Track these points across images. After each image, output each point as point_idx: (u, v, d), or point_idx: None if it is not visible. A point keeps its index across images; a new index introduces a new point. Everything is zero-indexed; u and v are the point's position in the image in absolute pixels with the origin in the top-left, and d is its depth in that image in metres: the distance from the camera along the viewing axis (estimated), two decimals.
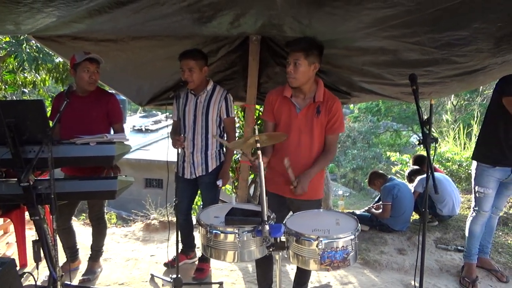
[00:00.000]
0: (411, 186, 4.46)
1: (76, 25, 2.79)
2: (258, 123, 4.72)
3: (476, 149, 3.15)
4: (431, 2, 2.11)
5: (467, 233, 3.24)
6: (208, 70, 3.29)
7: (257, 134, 1.95)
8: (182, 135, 2.96)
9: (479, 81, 3.53)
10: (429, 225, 4.21)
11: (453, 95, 12.74)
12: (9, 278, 2.13)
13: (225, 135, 3.12)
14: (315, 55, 2.32)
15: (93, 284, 3.06)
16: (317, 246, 1.86)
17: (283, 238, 2.00)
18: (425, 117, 2.19)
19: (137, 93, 4.47)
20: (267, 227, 1.87)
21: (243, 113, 4.88)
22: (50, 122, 2.34)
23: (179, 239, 3.05)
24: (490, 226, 3.30)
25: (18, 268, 3.17)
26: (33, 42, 5.21)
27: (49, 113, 2.94)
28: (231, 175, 5.06)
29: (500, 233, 4.16)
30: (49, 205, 2.25)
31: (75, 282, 3.04)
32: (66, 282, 2.58)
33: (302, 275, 2.66)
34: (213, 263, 3.37)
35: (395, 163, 8.48)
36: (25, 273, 2.71)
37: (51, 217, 2.25)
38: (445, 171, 6.30)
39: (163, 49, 3.40)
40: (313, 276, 3.25)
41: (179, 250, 3.26)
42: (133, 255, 3.70)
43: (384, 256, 3.66)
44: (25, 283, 2.82)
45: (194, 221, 3.43)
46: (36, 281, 2.45)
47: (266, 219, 1.88)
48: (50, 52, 5.32)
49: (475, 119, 8.09)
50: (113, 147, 2.36)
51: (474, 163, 3.13)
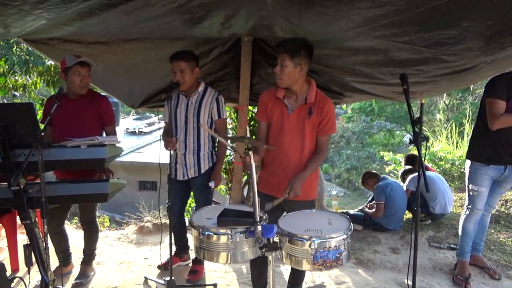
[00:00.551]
0: (404, 186, 4.49)
1: (67, 28, 2.77)
2: (251, 124, 4.72)
3: (470, 148, 3.16)
4: (420, 1, 2.12)
5: (460, 231, 3.26)
6: (200, 72, 3.28)
7: (247, 135, 1.95)
8: (174, 136, 2.95)
9: (470, 80, 3.56)
10: (422, 223, 4.23)
11: (445, 95, 12.84)
12: None
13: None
14: (303, 56, 2.30)
15: None
16: (309, 246, 1.86)
17: (276, 239, 2.00)
18: (417, 116, 2.21)
19: (129, 95, 4.45)
20: (259, 227, 1.86)
21: (236, 114, 4.88)
22: (42, 125, 2.32)
23: (173, 241, 3.05)
24: (483, 224, 3.32)
25: (10, 273, 3.16)
26: (24, 45, 5.17)
27: (40, 116, 2.93)
28: (224, 176, 5.06)
29: (492, 231, 4.19)
30: (40, 209, 2.23)
31: (67, 286, 3.02)
32: (58, 287, 2.56)
33: (296, 276, 2.65)
34: (207, 264, 3.36)
35: (389, 162, 8.51)
36: (15, 277, 2.69)
37: (42, 221, 2.23)
38: (438, 170, 6.33)
39: (154, 51, 3.39)
40: (308, 276, 3.25)
41: (173, 253, 3.26)
42: (127, 258, 3.67)
43: (377, 255, 3.67)
44: None
45: (188, 223, 3.42)
46: (26, 285, 2.43)
47: (258, 219, 1.87)
48: (41, 55, 5.28)
49: (467, 118, 8.15)
50: (104, 150, 2.34)
51: (468, 162, 3.15)
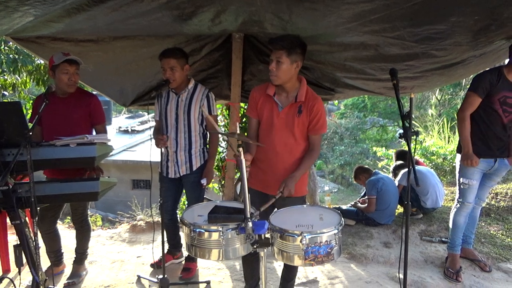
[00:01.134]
0: (396, 181, 4.51)
1: (55, 25, 2.74)
2: (243, 121, 4.72)
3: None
4: None
5: (451, 224, 3.29)
6: (192, 69, 3.27)
7: (238, 131, 1.94)
8: (164, 134, 2.94)
9: (459, 75, 3.58)
10: (414, 217, 4.27)
11: (437, 90, 12.91)
12: None
13: (207, 133, 3.11)
14: (298, 53, 2.30)
15: (78, 287, 3.02)
16: (301, 242, 1.86)
17: (267, 235, 2.00)
18: (406, 111, 2.22)
19: (120, 93, 4.43)
20: (250, 224, 1.86)
21: (228, 111, 4.87)
22: (31, 124, 2.30)
23: (165, 239, 3.05)
24: (473, 217, 3.36)
25: (1, 274, 3.13)
26: (12, 43, 5.11)
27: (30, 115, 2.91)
28: (217, 173, 5.06)
29: (483, 224, 4.23)
30: (30, 209, 2.22)
31: (60, 286, 3.00)
32: (50, 287, 2.54)
33: (289, 271, 2.66)
34: (200, 262, 3.36)
35: (381, 158, 8.57)
36: (3, 277, 2.67)
37: (32, 220, 2.22)
38: (430, 164, 6.38)
39: (145, 48, 3.37)
40: (301, 272, 3.26)
41: (166, 251, 3.25)
42: (119, 257, 3.66)
43: (370, 250, 3.70)
44: None
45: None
46: (15, 286, 2.41)
47: (249, 216, 1.88)
48: (30, 54, 5.23)
49: None
50: (94, 148, 2.33)
51: (458, 155, 3.18)
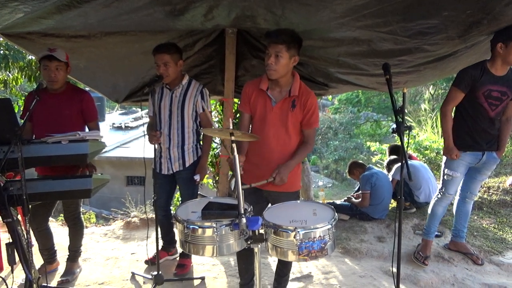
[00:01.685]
0: (389, 175, 4.54)
1: (45, 21, 2.71)
2: (237, 116, 4.70)
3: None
4: None
5: (429, 212, 3.37)
6: (185, 65, 3.25)
7: (230, 127, 1.93)
8: (158, 130, 2.93)
9: (451, 68, 3.59)
10: (407, 212, 4.29)
11: (431, 85, 12.96)
12: None
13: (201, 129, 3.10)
14: (296, 48, 2.31)
15: (72, 285, 3.01)
16: (294, 237, 1.86)
17: (261, 231, 2.01)
18: (399, 106, 2.23)
19: (113, 89, 4.40)
20: (244, 220, 1.86)
21: (221, 107, 4.86)
22: (22, 121, 2.28)
23: (159, 236, 3.04)
24: (466, 211, 3.39)
25: None
26: (2, 39, 5.05)
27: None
28: (211, 169, 5.06)
29: (475, 217, 4.27)
30: (22, 207, 2.20)
31: (53, 283, 2.98)
32: (43, 284, 2.53)
33: (283, 267, 2.67)
34: (195, 258, 3.36)
35: (375, 153, 8.60)
36: None
37: (24, 218, 2.20)
38: (423, 159, 6.42)
39: (137, 44, 3.34)
40: (295, 267, 3.28)
41: (160, 247, 3.25)
42: (113, 254, 3.65)
43: (364, 244, 3.72)
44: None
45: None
46: (7, 286, 2.39)
47: (242, 212, 1.87)
48: (21, 50, 5.17)
49: None
50: (86, 145, 2.31)
51: None
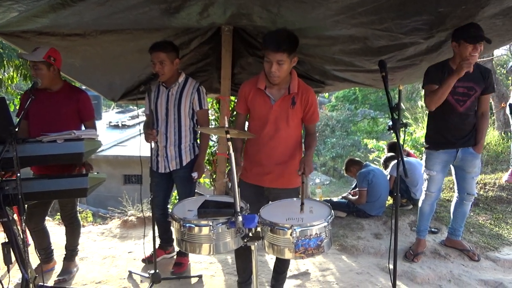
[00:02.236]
0: (386, 173, 4.55)
1: (40, 20, 2.70)
2: (234, 114, 4.70)
3: (425, 135, 3.30)
4: None
5: (418, 212, 3.43)
6: (181, 63, 3.24)
7: (226, 125, 1.93)
8: (154, 128, 2.92)
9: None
10: (404, 209, 4.30)
11: None
12: None
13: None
14: (295, 50, 2.30)
15: (69, 284, 3.01)
16: (291, 235, 1.87)
17: (258, 229, 2.01)
18: (395, 103, 2.24)
19: (109, 88, 4.38)
20: (240, 218, 1.87)
21: (218, 105, 4.86)
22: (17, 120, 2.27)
23: (156, 234, 3.04)
24: (463, 212, 3.39)
25: None
26: None
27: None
28: (208, 168, 5.05)
29: (471, 214, 4.29)
30: (17, 206, 2.19)
31: (50, 283, 2.98)
32: (40, 284, 2.53)
33: (281, 264, 2.67)
34: (192, 256, 3.37)
35: (372, 150, 8.62)
36: None
37: (20, 218, 2.19)
38: (420, 156, 6.43)
39: (133, 42, 3.33)
40: (292, 264, 3.28)
41: (157, 246, 3.24)
42: (110, 252, 3.64)
43: (361, 241, 3.73)
44: None
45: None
46: (3, 286, 2.39)
47: (238, 210, 1.88)
48: (16, 48, 5.13)
49: None
50: (81, 144, 2.31)
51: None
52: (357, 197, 4.29)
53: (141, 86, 4.06)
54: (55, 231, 4.08)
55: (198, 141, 3.14)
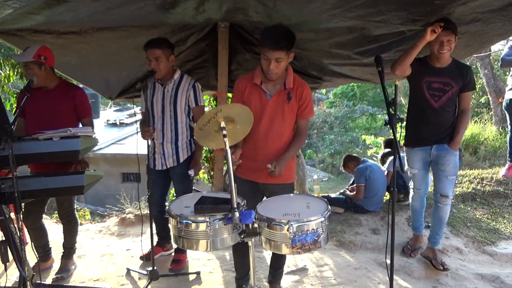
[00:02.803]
0: (384, 168, 4.56)
1: (35, 17, 2.68)
2: None
3: (404, 133, 3.23)
4: None
5: (410, 209, 3.44)
6: (178, 60, 3.23)
7: (220, 108, 1.91)
8: (151, 126, 2.91)
9: None
10: (401, 204, 4.30)
11: None
12: None
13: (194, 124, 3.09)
14: (292, 47, 2.32)
15: (67, 282, 3.01)
16: (288, 230, 1.87)
17: (255, 224, 2.01)
18: (391, 98, 2.24)
19: (106, 86, 4.36)
20: (237, 214, 1.87)
21: (215, 102, 4.85)
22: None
23: (154, 231, 3.04)
24: (439, 216, 3.12)
25: None
26: None
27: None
28: (206, 165, 5.05)
29: (469, 208, 4.30)
30: (14, 204, 2.19)
31: (48, 281, 2.98)
32: (37, 282, 2.53)
33: (277, 260, 2.68)
34: (190, 253, 3.37)
35: (371, 146, 8.64)
36: None
37: (17, 216, 2.19)
38: None
39: (129, 39, 3.31)
40: (290, 260, 3.29)
41: (155, 243, 3.25)
42: (108, 250, 3.64)
43: (358, 236, 3.74)
44: None
45: None
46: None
47: (235, 206, 1.88)
48: (12, 47, 5.11)
49: None
50: (77, 141, 2.30)
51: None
52: (354, 192, 4.30)
53: (137, 83, 4.05)
54: (53, 229, 4.08)
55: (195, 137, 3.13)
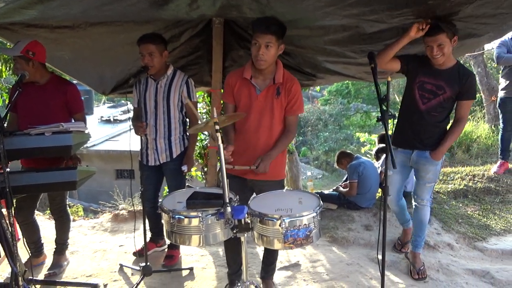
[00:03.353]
0: (378, 164, 4.58)
1: (27, 12, 2.65)
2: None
3: None
4: None
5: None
6: (172, 56, 3.22)
7: (215, 116, 1.93)
8: (144, 121, 2.91)
9: None
10: None
11: None
12: None
13: (187, 120, 3.09)
14: (282, 36, 2.34)
15: (60, 277, 3.00)
16: (280, 226, 1.89)
17: (247, 220, 2.02)
18: (384, 94, 2.25)
19: (99, 81, 4.34)
20: (229, 209, 1.87)
21: (209, 98, 4.84)
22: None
23: (147, 227, 3.04)
24: (418, 219, 3.04)
25: None
26: None
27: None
28: (200, 161, 5.05)
29: (460, 205, 4.34)
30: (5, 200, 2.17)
31: (41, 277, 2.97)
32: (29, 278, 2.52)
33: (269, 256, 2.69)
34: (183, 249, 3.37)
35: (365, 143, 8.67)
36: None
37: (8, 211, 2.18)
38: None
39: (123, 34, 3.29)
40: (283, 256, 3.31)
41: (148, 239, 3.25)
42: (101, 246, 3.63)
43: (351, 233, 3.76)
44: None
45: None
46: None
47: (227, 201, 1.88)
48: (4, 41, 5.06)
49: None
50: (69, 137, 2.30)
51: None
52: (347, 189, 4.32)
53: (130, 79, 4.03)
54: (45, 225, 4.06)
55: (188, 133, 3.13)
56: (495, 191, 4.55)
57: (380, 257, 2.22)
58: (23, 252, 2.63)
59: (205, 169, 4.94)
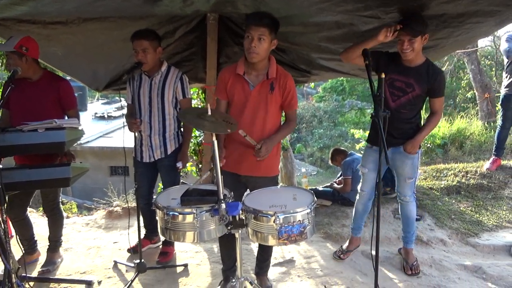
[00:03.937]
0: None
1: (19, 8, 2.63)
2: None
3: None
4: None
5: (353, 210, 3.26)
6: (166, 52, 3.20)
7: (209, 113, 1.93)
8: (138, 118, 2.90)
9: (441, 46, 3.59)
10: (388, 197, 4.36)
11: None
12: None
13: None
14: (275, 31, 2.34)
15: (54, 274, 2.99)
16: (274, 222, 1.89)
17: (242, 216, 2.02)
18: (378, 91, 2.27)
19: (93, 77, 4.32)
20: (223, 205, 1.88)
21: (204, 94, 4.83)
22: None
23: (142, 224, 3.03)
24: (405, 216, 3.06)
25: None
26: None
27: None
28: (194, 158, 5.04)
29: (453, 201, 4.38)
30: None
31: (34, 274, 2.95)
32: (23, 275, 2.51)
33: (264, 252, 2.70)
34: (178, 246, 3.37)
35: (360, 140, 8.70)
36: None
37: (1, 208, 2.16)
38: None
39: (117, 31, 3.27)
40: (278, 252, 3.32)
41: (143, 236, 3.24)
42: (95, 243, 3.62)
43: (345, 229, 3.78)
44: None
45: None
46: None
47: (222, 197, 1.88)
48: None
49: None
50: (63, 133, 2.28)
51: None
52: (342, 185, 4.34)
53: (124, 75, 4.01)
54: (38, 222, 4.04)
55: (182, 129, 3.12)
56: (488, 188, 4.59)
57: (373, 253, 2.24)
58: (17, 250, 2.62)
59: (200, 165, 4.94)
